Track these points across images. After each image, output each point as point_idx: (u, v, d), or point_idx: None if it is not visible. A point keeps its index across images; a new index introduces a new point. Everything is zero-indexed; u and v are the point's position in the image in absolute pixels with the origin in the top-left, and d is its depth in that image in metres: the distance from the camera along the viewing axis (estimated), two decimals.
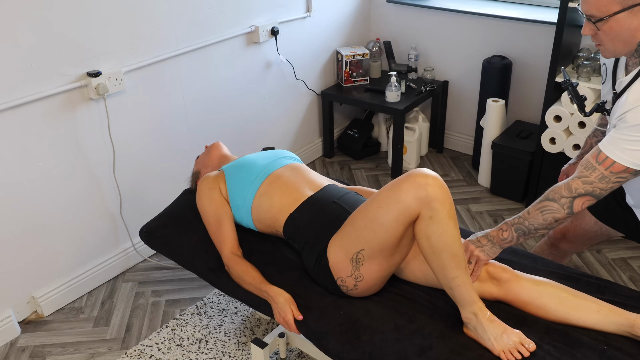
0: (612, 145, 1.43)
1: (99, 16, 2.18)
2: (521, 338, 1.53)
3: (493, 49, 3.23)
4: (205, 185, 1.95)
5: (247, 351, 2.17)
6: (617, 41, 1.43)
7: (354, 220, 1.63)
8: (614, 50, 1.47)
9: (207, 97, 2.76)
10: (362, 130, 3.62)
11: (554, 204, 1.52)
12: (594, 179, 1.46)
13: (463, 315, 1.57)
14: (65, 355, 2.19)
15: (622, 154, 1.41)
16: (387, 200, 1.54)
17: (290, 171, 1.94)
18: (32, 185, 2.19)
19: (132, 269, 2.66)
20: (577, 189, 1.48)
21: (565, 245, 2.04)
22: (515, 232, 1.61)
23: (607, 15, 1.38)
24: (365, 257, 1.61)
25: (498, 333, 1.53)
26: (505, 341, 1.52)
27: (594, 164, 1.46)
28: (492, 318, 1.55)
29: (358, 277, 1.64)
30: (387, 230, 1.54)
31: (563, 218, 1.53)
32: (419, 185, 1.47)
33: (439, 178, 1.50)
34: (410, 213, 1.49)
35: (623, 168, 1.42)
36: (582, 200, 1.49)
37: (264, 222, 1.89)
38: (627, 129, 1.40)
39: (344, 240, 1.65)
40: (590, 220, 1.92)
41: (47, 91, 2.11)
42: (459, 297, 1.55)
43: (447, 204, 1.49)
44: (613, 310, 1.58)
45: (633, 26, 1.38)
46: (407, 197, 1.48)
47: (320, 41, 3.34)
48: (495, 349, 1.52)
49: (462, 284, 1.53)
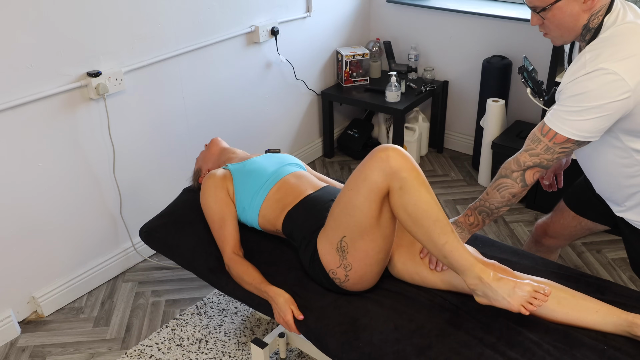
0: (553, 117, 1.49)
1: (99, 16, 2.18)
2: (534, 286, 1.48)
3: (493, 49, 3.23)
4: (212, 184, 1.95)
5: (247, 351, 2.17)
6: (562, 28, 1.50)
7: (332, 210, 1.66)
8: (562, 37, 1.54)
9: (207, 97, 2.76)
10: (362, 130, 3.62)
11: (507, 180, 1.59)
12: (540, 151, 1.53)
13: (468, 283, 1.53)
14: (65, 355, 2.19)
15: (562, 125, 1.47)
16: (356, 182, 1.55)
17: (296, 179, 1.95)
18: (32, 185, 2.19)
19: (132, 269, 2.67)
20: (525, 162, 1.56)
21: (548, 242, 2.06)
22: (480, 215, 1.67)
23: (549, 4, 1.46)
24: (348, 243, 1.61)
25: (509, 289, 1.48)
26: (520, 294, 1.47)
27: (539, 137, 1.53)
28: (497, 277, 1.50)
29: (347, 267, 1.65)
30: (361, 210, 1.55)
31: (519, 192, 1.59)
32: (381, 160, 1.49)
33: (400, 148, 1.51)
34: (379, 189, 1.50)
35: (565, 139, 1.48)
36: (532, 171, 1.56)
37: (268, 221, 1.91)
38: (565, 99, 1.47)
39: (327, 231, 1.67)
40: (568, 215, 1.94)
41: (47, 91, 2.11)
42: (455, 264, 1.52)
43: (414, 171, 1.49)
44: (612, 310, 1.58)
45: (575, 11, 1.45)
46: (372, 174, 1.50)
47: (320, 41, 3.34)
48: (513, 306, 1.47)
49: (453, 248, 1.51)
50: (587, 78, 1.40)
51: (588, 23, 1.48)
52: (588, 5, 1.44)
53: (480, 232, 2.82)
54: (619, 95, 1.38)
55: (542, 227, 2.06)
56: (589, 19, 1.47)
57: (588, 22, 1.48)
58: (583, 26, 1.48)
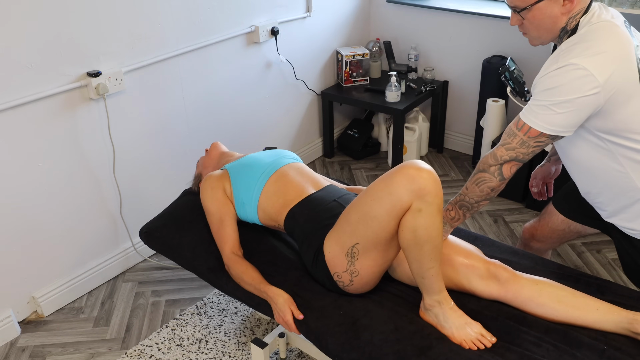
0: (527, 111, 1.53)
1: (98, 16, 2.18)
2: (482, 330, 1.56)
3: (493, 49, 3.23)
4: (208, 185, 1.96)
5: (247, 351, 2.17)
6: (541, 29, 1.54)
7: (348, 214, 1.63)
8: (540, 38, 1.58)
9: (207, 97, 2.76)
10: (362, 130, 3.62)
11: (485, 174, 1.61)
12: (516, 145, 1.55)
13: (426, 302, 1.60)
14: (65, 355, 2.19)
15: (535, 119, 1.50)
16: (380, 193, 1.53)
17: (294, 170, 1.96)
18: (32, 185, 2.19)
19: (132, 269, 2.67)
20: (502, 156, 1.58)
21: (536, 245, 2.06)
22: (460, 209, 1.69)
23: (529, 5, 1.50)
24: (360, 251, 1.61)
25: (460, 323, 1.57)
26: (468, 331, 1.55)
27: (515, 131, 1.56)
28: (455, 308, 1.59)
29: (354, 273, 1.64)
30: (380, 223, 1.54)
31: (497, 186, 1.61)
32: (412, 178, 1.47)
33: (433, 171, 1.50)
34: (402, 206, 1.49)
35: (538, 133, 1.51)
36: (509, 165, 1.58)
37: (269, 216, 1.90)
38: (538, 94, 1.51)
39: (339, 235, 1.65)
40: (557, 219, 1.94)
41: (47, 91, 2.11)
42: (428, 286, 1.57)
43: (439, 198, 1.49)
44: (612, 308, 1.59)
45: (554, 13, 1.50)
46: (399, 190, 1.48)
47: (320, 41, 3.35)
48: (455, 338, 1.56)
49: (435, 274, 1.55)
50: (558, 73, 1.44)
51: (566, 26, 1.52)
52: (567, 7, 1.49)
53: (480, 232, 2.82)
54: (589, 91, 1.41)
55: (530, 230, 2.06)
56: (567, 22, 1.52)
57: (566, 25, 1.52)
58: (561, 29, 1.53)
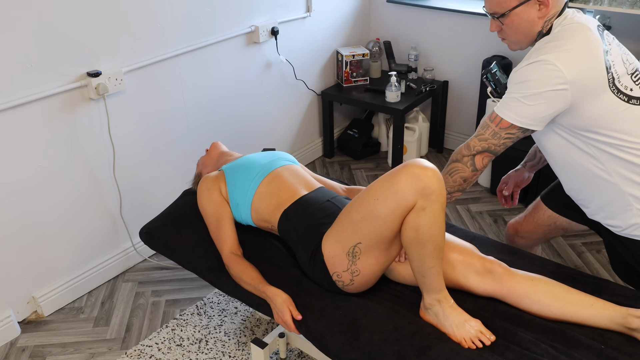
0: (501, 104, 1.59)
1: (99, 16, 2.19)
2: (482, 327, 1.56)
3: (493, 49, 3.23)
4: (205, 186, 1.96)
5: (247, 351, 2.17)
6: (519, 33, 1.61)
7: (350, 214, 1.62)
8: (518, 42, 1.65)
9: (207, 97, 2.76)
10: (362, 130, 3.62)
11: (458, 164, 1.66)
12: (488, 136, 1.61)
13: (426, 301, 1.60)
14: (65, 355, 2.19)
15: (507, 111, 1.56)
16: (384, 192, 1.52)
17: (288, 172, 1.96)
18: (32, 185, 2.19)
19: (132, 269, 2.67)
20: (474, 146, 1.64)
21: (520, 241, 2.07)
22: None
23: (507, 10, 1.57)
24: (362, 250, 1.60)
25: (460, 321, 1.57)
26: (467, 329, 1.56)
27: (488, 123, 1.61)
28: (454, 306, 1.59)
29: (354, 272, 1.64)
30: (384, 222, 1.54)
31: (470, 176, 1.66)
32: (417, 177, 1.46)
33: (437, 170, 1.50)
34: (407, 205, 1.49)
35: (509, 124, 1.57)
36: (482, 156, 1.64)
37: (262, 217, 1.90)
38: (511, 87, 1.57)
39: (339, 234, 1.64)
40: (544, 214, 1.95)
41: (47, 91, 2.11)
42: (429, 285, 1.58)
43: (442, 197, 1.49)
44: (606, 304, 1.59)
45: (531, 17, 1.57)
46: (404, 189, 1.47)
47: (320, 41, 3.35)
48: (455, 336, 1.56)
49: (436, 272, 1.55)
50: (530, 68, 1.51)
51: (542, 29, 1.58)
52: (543, 12, 1.55)
53: (480, 232, 2.82)
54: (556, 85, 1.48)
55: (514, 226, 2.07)
56: (542, 26, 1.58)
57: (542, 29, 1.58)
58: (538, 32, 1.59)
